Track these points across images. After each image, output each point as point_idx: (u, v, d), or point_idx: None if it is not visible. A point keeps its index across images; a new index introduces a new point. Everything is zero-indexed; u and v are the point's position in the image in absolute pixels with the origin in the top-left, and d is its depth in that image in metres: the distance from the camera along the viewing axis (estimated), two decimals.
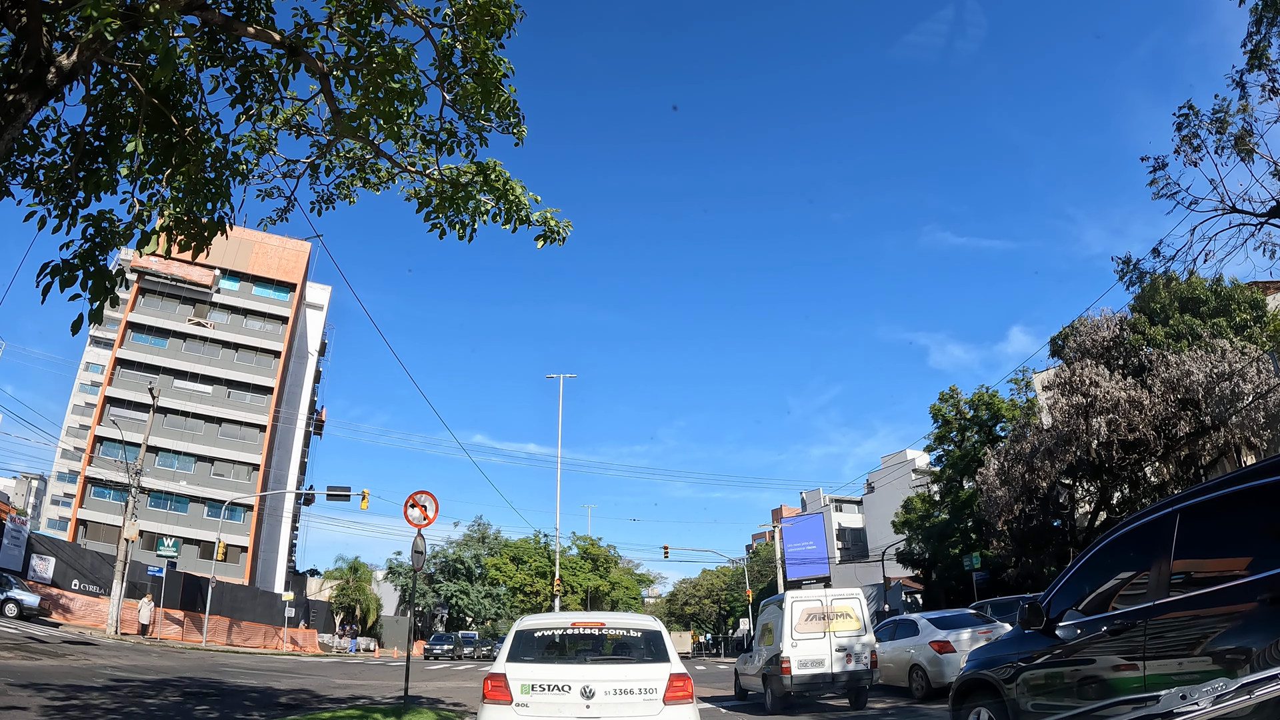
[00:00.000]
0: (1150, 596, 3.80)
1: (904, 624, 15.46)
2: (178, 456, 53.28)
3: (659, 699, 5.54)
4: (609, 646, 6.51)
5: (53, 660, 16.42)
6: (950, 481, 36.38)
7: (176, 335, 55.59)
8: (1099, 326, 24.74)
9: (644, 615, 6.96)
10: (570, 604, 44.38)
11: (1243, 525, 3.51)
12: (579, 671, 5.78)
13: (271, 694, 14.04)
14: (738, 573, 79.77)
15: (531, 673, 5.68)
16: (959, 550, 33.67)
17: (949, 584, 39.58)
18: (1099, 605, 4.35)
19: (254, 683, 16.17)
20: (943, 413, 32.01)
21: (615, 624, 6.59)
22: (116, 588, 28.23)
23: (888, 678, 14.38)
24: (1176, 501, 3.92)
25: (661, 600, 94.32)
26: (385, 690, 16.28)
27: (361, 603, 59.11)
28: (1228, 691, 1.89)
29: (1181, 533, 3.74)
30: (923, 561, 42.87)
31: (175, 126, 5.79)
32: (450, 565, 71.65)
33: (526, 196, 7.20)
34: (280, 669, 22.04)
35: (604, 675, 5.70)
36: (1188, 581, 3.66)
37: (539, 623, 6.57)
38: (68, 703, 9.98)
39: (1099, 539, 4.57)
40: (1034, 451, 20.38)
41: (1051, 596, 4.70)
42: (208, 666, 19.69)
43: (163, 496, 51.61)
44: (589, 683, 5.53)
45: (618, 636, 6.51)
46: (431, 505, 10.54)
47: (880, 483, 62.34)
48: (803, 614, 12.95)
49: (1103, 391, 18.67)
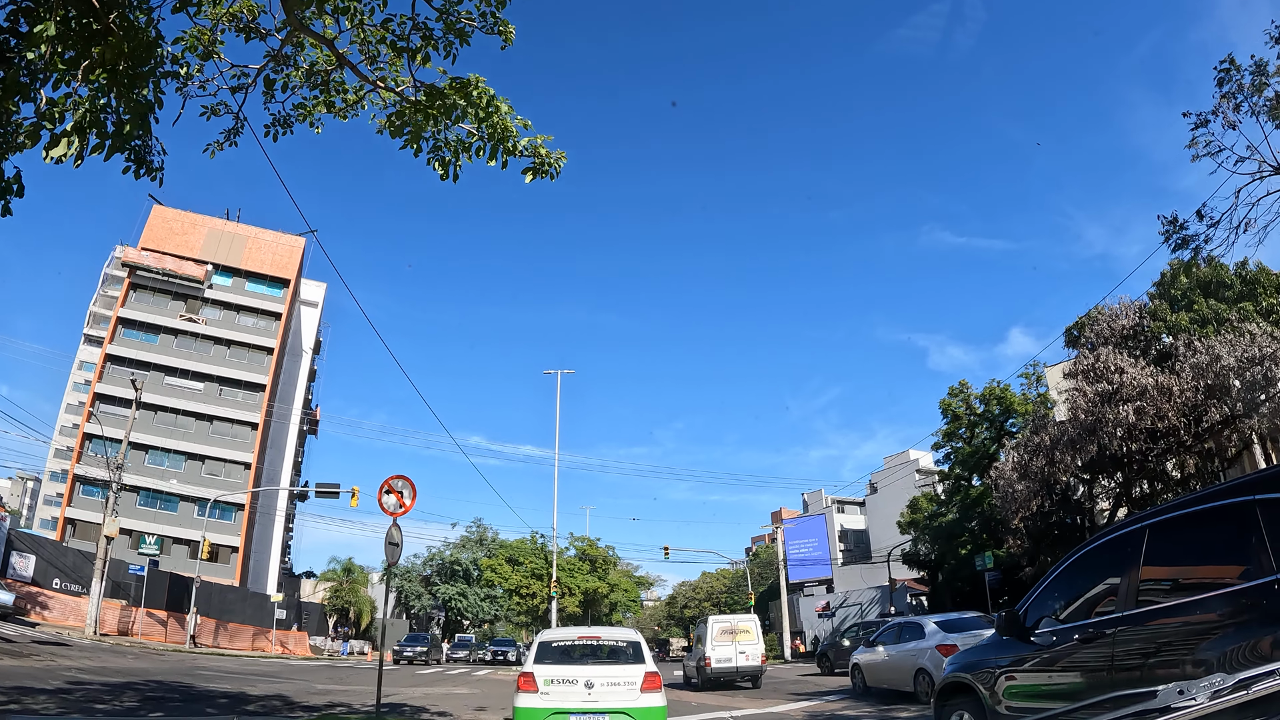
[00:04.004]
0: (1120, 607, 3.93)
1: (909, 627, 14.97)
2: (168, 454, 52.19)
3: (637, 689, 7.80)
4: (604, 652, 8.73)
5: (14, 660, 15.39)
6: (958, 480, 35.38)
7: (168, 331, 54.52)
8: (1118, 314, 23.80)
9: (629, 629, 9.42)
10: (568, 606, 43.24)
11: (1208, 542, 3.63)
12: (583, 670, 7.97)
13: (241, 699, 13.03)
14: (738, 575, 78.62)
15: (551, 671, 7.89)
16: (968, 550, 32.63)
17: (956, 585, 38.50)
18: (1073, 614, 4.52)
19: (227, 686, 15.14)
20: (953, 408, 30.98)
21: (608, 636, 9.10)
22: (96, 586, 27.17)
23: (892, 682, 14.29)
24: (1147, 517, 4.07)
25: (661, 603, 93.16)
26: (368, 697, 15.26)
27: (355, 605, 57.95)
28: (1225, 687, 1.89)
29: (1150, 547, 3.88)
30: (929, 563, 41.83)
31: (98, 9, 4.80)
32: (448, 567, 70.52)
33: (514, 121, 6.24)
34: (261, 672, 21.00)
35: (600, 673, 7.91)
36: (1155, 594, 3.81)
37: (555, 636, 8.91)
38: (5, 707, 8.98)
39: (1074, 551, 4.75)
40: (1055, 442, 19.35)
41: (1028, 605, 4.93)
42: (183, 669, 18.64)
43: (153, 495, 50.52)
44: (590, 678, 7.79)
45: (610, 645, 8.82)
46: (409, 492, 9.56)
47: (883, 483, 61.29)
48: (719, 630, 20.54)
49: (1129, 378, 17.68)
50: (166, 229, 56.90)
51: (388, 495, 9.47)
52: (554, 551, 39.96)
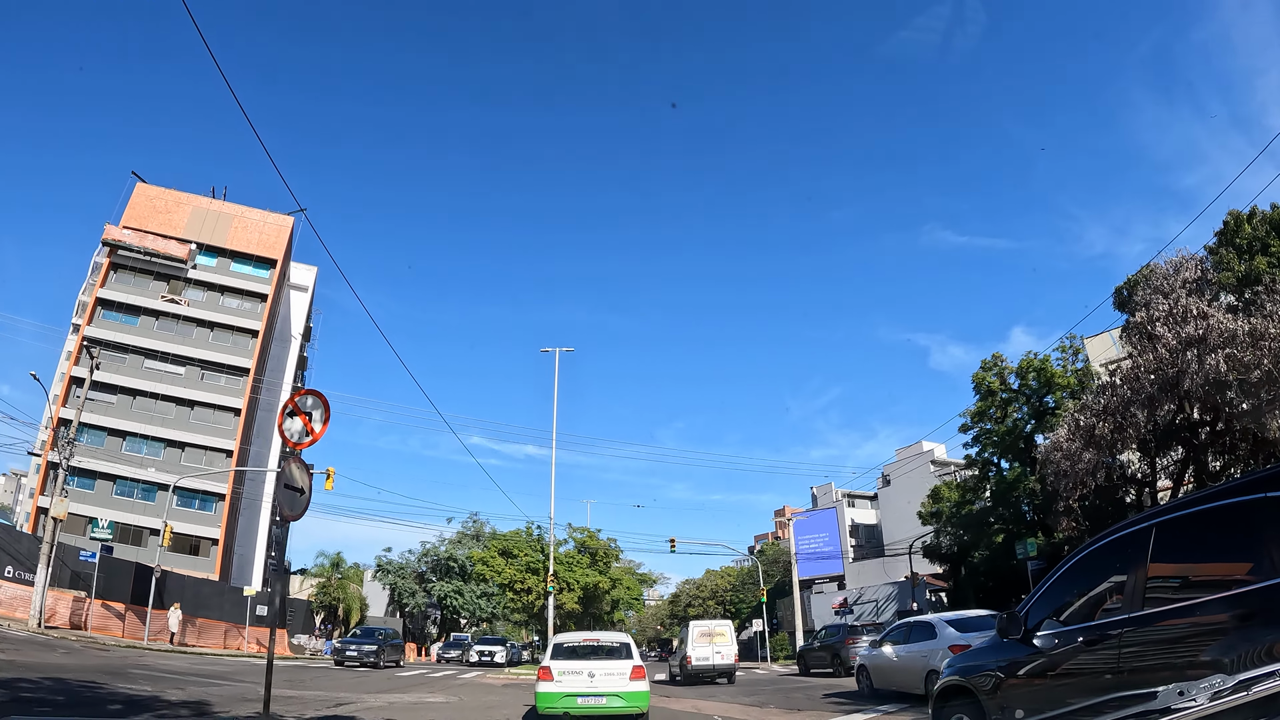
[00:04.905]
0: (1126, 609, 3.81)
1: (919, 626, 14.33)
2: (146, 441, 49.67)
3: (627, 677, 10.72)
4: (603, 651, 11.52)
5: None
6: (986, 465, 32.61)
7: (149, 313, 52.02)
8: (1179, 267, 21.14)
9: (621, 634, 12.89)
10: (565, 602, 40.45)
11: (1219, 541, 3.48)
12: (587, 664, 10.85)
13: (142, 705, 10.43)
14: (743, 573, 75.82)
15: (563, 665, 10.86)
16: (1002, 539, 29.83)
17: (979, 581, 35.74)
18: (1076, 616, 4.38)
19: (147, 689, 12.51)
20: (986, 381, 28.15)
21: (605, 639, 12.11)
22: (41, 573, 24.65)
23: (902, 684, 13.80)
24: (1154, 515, 3.92)
25: (663, 602, 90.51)
26: (321, 706, 12.68)
27: (344, 602, 55.23)
28: (1225, 688, 1.92)
29: (1157, 546, 3.74)
30: (951, 556, 39.08)
31: None
32: (443, 564, 67.93)
33: None
34: (207, 674, 18.35)
35: (599, 666, 10.84)
36: (1163, 595, 3.67)
37: (565, 639, 11.99)
38: None
39: (1077, 550, 4.58)
40: (1125, 402, 16.62)
41: (1030, 606, 4.76)
42: (112, 668, 15.93)
43: (130, 484, 48.00)
44: (592, 669, 10.71)
45: (607, 645, 11.74)
46: (320, 414, 6.87)
47: (896, 474, 58.46)
48: (698, 633, 23.65)
49: (1214, 323, 15.02)
50: (150, 207, 54.47)
51: (291, 418, 6.83)
52: (551, 544, 37.13)
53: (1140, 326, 17.38)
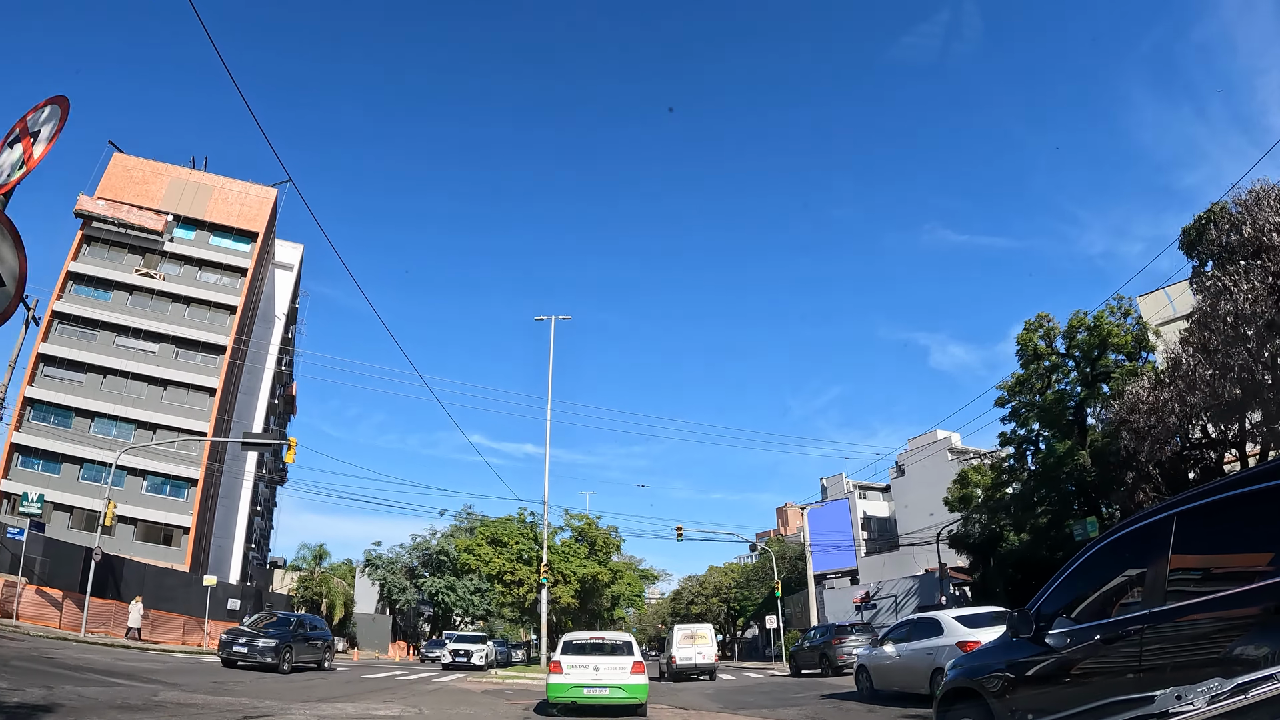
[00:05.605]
0: (1147, 604, 3.58)
1: (922, 623, 13.62)
2: (115, 422, 46.65)
3: (628, 671, 12.14)
4: (607, 648, 13.05)
5: None
6: (1022, 442, 29.49)
7: (122, 287, 49.01)
8: (1260, 197, 18.03)
9: (624, 633, 14.80)
10: (561, 596, 37.25)
11: (1246, 530, 3.24)
12: (592, 659, 12.32)
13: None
14: (747, 569, 72.72)
15: (571, 660, 12.26)
16: (1048, 521, 26.67)
17: (1008, 573, 32.68)
18: (1092, 612, 4.16)
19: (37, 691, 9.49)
20: (1033, 344, 24.96)
21: (609, 638, 13.74)
22: None
23: (904, 684, 13.29)
24: (1174, 505, 3.68)
25: (665, 599, 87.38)
26: (226, 714, 9.62)
27: (327, 597, 51.98)
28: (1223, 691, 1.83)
29: (1179, 537, 3.50)
30: (979, 546, 35.97)
31: None
32: (435, 559, 64.94)
33: None
34: (126, 671, 15.29)
35: (604, 661, 12.30)
36: (1187, 588, 3.45)
37: (574, 637, 13.63)
38: None
39: (1091, 543, 4.34)
40: (1229, 340, 13.49)
41: (1041, 603, 4.50)
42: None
43: (96, 468, 44.97)
44: (597, 664, 12.17)
45: (611, 643, 13.31)
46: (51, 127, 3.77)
47: (911, 463, 55.31)
48: (682, 635, 26.66)
49: None
50: (126, 178, 51.52)
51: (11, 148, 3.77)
52: (545, 530, 33.58)
53: (1248, 242, 14.27)
